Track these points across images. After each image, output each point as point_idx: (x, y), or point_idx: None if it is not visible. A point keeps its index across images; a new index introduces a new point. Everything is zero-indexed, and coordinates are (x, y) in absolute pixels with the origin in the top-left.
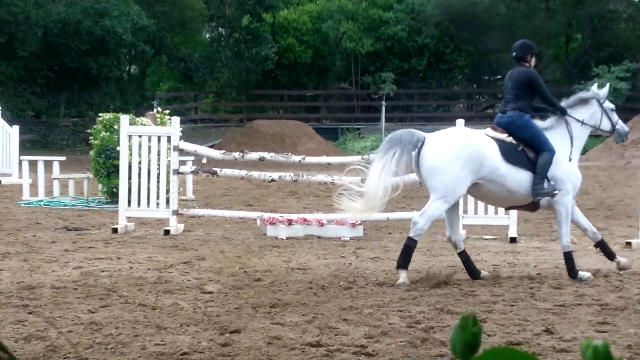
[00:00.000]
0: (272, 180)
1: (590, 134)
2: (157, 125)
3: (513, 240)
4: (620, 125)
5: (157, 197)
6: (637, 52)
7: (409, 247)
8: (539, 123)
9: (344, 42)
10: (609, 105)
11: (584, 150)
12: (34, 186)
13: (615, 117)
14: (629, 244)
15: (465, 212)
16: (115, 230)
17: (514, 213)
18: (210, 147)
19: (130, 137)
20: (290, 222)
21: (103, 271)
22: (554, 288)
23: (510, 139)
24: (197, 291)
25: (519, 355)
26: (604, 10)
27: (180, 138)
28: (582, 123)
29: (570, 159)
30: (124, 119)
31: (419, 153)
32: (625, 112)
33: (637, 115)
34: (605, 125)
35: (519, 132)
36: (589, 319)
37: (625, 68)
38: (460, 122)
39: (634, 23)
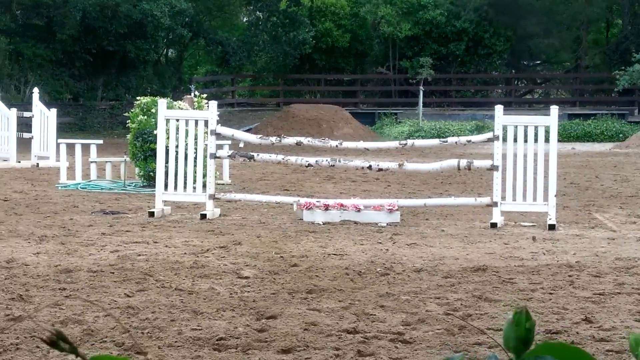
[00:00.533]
0: (309, 165)
1: None
2: (194, 109)
3: (552, 227)
4: None
5: (194, 181)
6: None
7: None
8: None
9: (382, 26)
10: None
11: (624, 137)
12: (71, 169)
13: None
14: None
15: (503, 198)
16: (151, 214)
17: (552, 200)
18: (247, 131)
19: (167, 120)
20: (327, 207)
21: (139, 255)
22: (593, 276)
23: None
24: (234, 276)
25: (571, 350)
26: None
27: (218, 122)
28: None
29: None
30: (162, 102)
31: None
32: None
33: None
34: None
35: None
36: (629, 307)
37: None
38: (499, 107)
39: None
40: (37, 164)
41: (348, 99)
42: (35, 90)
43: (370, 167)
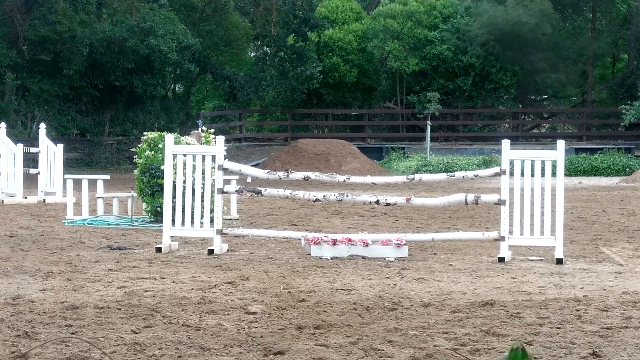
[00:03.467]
0: (317, 199)
1: None
2: (201, 144)
3: (559, 261)
4: None
5: (201, 217)
6: None
7: None
8: None
9: (389, 61)
10: None
11: (630, 171)
12: (78, 205)
13: None
14: None
15: (510, 232)
16: (159, 250)
17: (560, 234)
18: (255, 166)
19: (174, 156)
20: (334, 242)
21: (147, 291)
22: (601, 310)
23: None
24: (241, 311)
25: None
26: None
27: (225, 157)
28: None
29: None
30: (169, 137)
31: None
32: None
33: None
34: None
35: None
36: (636, 341)
37: None
38: (506, 142)
39: None
40: (44, 199)
41: (356, 134)
42: (42, 125)
43: (378, 202)
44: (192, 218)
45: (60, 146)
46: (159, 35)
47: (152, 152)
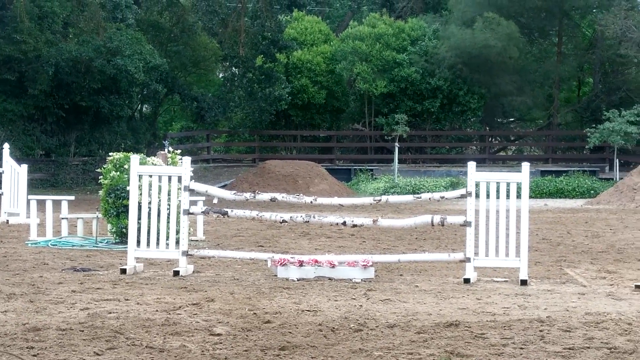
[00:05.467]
0: (284, 221)
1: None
2: (168, 165)
3: (524, 282)
4: None
5: (167, 238)
6: None
7: None
8: None
9: (358, 83)
10: None
11: (595, 193)
12: (41, 226)
13: None
14: (638, 287)
15: (476, 254)
16: (123, 271)
17: (524, 256)
18: (222, 187)
19: (140, 176)
20: (301, 264)
21: (110, 312)
22: (564, 331)
23: None
24: (206, 333)
25: None
26: (615, 55)
27: (192, 178)
28: None
29: None
30: (134, 158)
31: None
32: (636, 156)
33: None
34: None
35: None
36: None
37: (636, 112)
38: (471, 164)
39: None
40: (7, 220)
41: (324, 155)
42: (6, 145)
43: (344, 223)
44: (158, 239)
45: (25, 166)
46: (126, 55)
47: (118, 173)
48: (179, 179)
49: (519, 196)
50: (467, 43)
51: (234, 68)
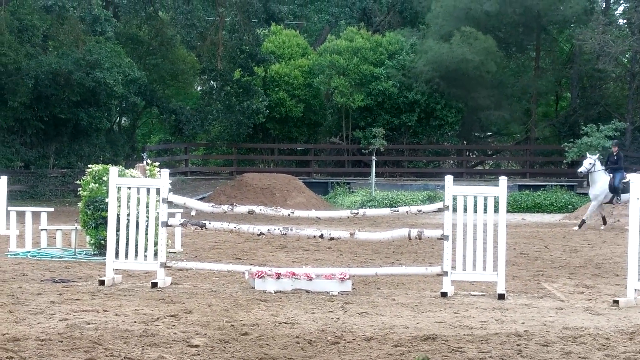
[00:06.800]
0: (261, 233)
1: None
2: (146, 177)
3: (501, 296)
4: None
5: (145, 250)
6: (625, 111)
7: None
8: None
9: (335, 96)
10: None
11: (573, 208)
12: (21, 237)
13: None
14: (616, 302)
15: (453, 267)
16: (102, 283)
17: (502, 270)
18: (200, 199)
19: (119, 188)
20: (278, 276)
21: (89, 323)
22: (541, 345)
23: None
24: (184, 345)
25: None
26: (593, 70)
27: (170, 190)
28: None
29: None
30: (113, 170)
31: None
32: None
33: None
34: None
35: None
36: None
37: (614, 127)
38: (448, 178)
39: (622, 83)
40: None
41: (301, 168)
42: None
43: (322, 236)
44: (136, 251)
45: (4, 178)
46: (105, 68)
47: (97, 185)
48: (158, 191)
49: (496, 210)
50: (445, 57)
51: (212, 81)
